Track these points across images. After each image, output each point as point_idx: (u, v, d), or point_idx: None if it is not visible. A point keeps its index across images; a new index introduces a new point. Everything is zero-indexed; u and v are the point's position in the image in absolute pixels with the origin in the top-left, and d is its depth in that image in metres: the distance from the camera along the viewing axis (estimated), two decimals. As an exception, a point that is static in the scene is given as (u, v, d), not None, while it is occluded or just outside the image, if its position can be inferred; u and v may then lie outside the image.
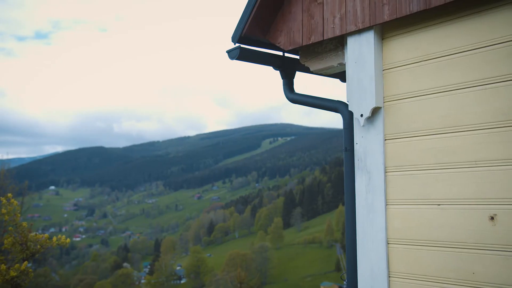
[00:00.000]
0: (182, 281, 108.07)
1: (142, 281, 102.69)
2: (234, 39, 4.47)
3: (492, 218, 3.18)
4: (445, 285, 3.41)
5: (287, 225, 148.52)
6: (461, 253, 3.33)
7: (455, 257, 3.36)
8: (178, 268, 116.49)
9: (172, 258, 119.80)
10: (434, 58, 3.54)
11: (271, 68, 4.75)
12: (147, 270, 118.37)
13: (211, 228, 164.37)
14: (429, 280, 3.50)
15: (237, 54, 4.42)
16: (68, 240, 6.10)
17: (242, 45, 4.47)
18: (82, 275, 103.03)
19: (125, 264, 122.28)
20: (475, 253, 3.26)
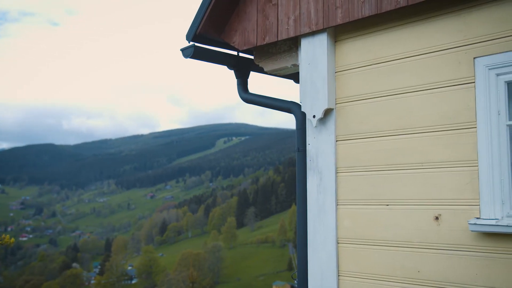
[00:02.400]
0: (134, 281, 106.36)
1: (92, 281, 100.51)
2: (189, 38, 4.43)
3: (436, 218, 3.29)
4: (392, 283, 3.50)
5: (240, 224, 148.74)
6: (408, 252, 3.42)
7: (402, 256, 3.46)
8: (129, 268, 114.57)
9: (123, 258, 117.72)
10: (385, 62, 3.63)
11: (225, 67, 4.75)
12: (97, 270, 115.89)
13: (163, 227, 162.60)
14: (377, 279, 3.58)
15: (191, 53, 4.39)
16: (12, 239, 5.88)
17: (196, 44, 4.44)
18: (28, 276, 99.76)
19: (74, 265, 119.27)
20: (420, 252, 3.36)
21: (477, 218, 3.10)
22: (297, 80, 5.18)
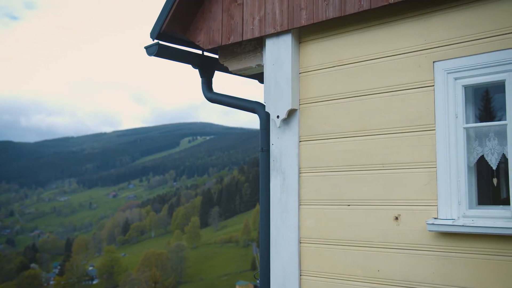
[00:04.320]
0: (95, 282, 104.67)
1: (51, 282, 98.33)
2: (153, 35, 4.38)
3: (396, 218, 3.36)
4: (353, 282, 3.55)
5: (204, 224, 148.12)
6: (368, 251, 3.48)
7: (362, 255, 3.51)
8: (90, 268, 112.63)
9: (84, 258, 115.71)
10: (348, 64, 3.68)
11: (190, 66, 4.71)
12: (56, 270, 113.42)
13: (126, 227, 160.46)
14: (338, 278, 3.62)
15: (155, 51, 4.34)
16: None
17: (161, 42, 4.40)
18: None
19: (32, 265, 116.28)
20: (380, 252, 3.42)
21: (435, 218, 3.18)
22: (261, 80, 5.20)
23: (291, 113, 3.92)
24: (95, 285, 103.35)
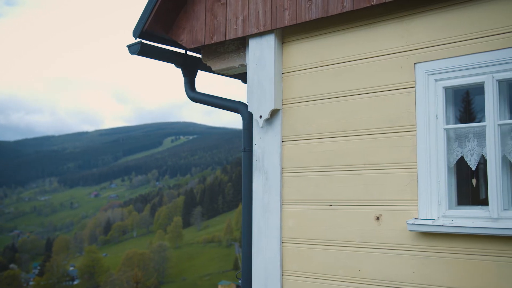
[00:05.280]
0: (75, 282, 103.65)
1: (31, 283, 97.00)
2: (135, 34, 4.36)
3: (377, 218, 3.38)
4: (334, 282, 3.57)
5: (187, 224, 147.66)
6: (350, 251, 3.50)
7: (344, 255, 3.53)
8: (71, 268, 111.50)
9: (65, 258, 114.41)
10: (330, 64, 3.70)
11: (173, 65, 4.70)
12: (36, 271, 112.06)
13: (108, 227, 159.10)
14: (320, 278, 3.64)
15: (137, 50, 4.32)
16: None
17: (143, 41, 4.38)
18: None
19: (11, 266, 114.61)
20: (361, 251, 3.44)
21: (415, 218, 3.21)
22: (244, 80, 5.20)
23: (274, 113, 3.93)
24: (76, 286, 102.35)
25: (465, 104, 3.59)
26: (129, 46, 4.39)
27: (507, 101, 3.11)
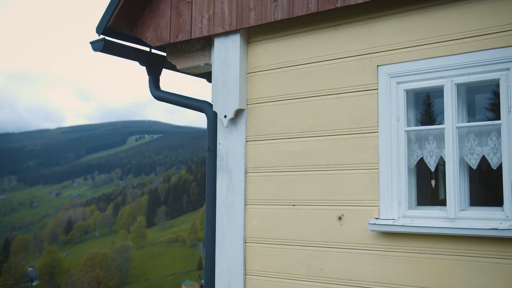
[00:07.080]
0: (34, 283, 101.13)
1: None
2: (99, 31, 4.28)
3: (340, 218, 3.42)
4: (297, 281, 3.59)
5: (150, 223, 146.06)
6: (312, 251, 3.53)
7: (306, 255, 3.56)
8: (30, 269, 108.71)
9: (24, 258, 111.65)
10: (295, 65, 3.72)
11: (137, 63, 4.64)
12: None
13: (69, 226, 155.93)
14: (283, 277, 3.66)
15: (101, 46, 4.25)
16: None
17: (107, 38, 4.31)
18: None
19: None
20: (324, 251, 3.48)
21: (376, 218, 3.26)
22: (209, 80, 5.17)
23: (239, 113, 3.93)
24: (35, 286, 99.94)
25: (426, 106, 3.67)
26: (92, 43, 4.32)
27: (466, 104, 3.20)
